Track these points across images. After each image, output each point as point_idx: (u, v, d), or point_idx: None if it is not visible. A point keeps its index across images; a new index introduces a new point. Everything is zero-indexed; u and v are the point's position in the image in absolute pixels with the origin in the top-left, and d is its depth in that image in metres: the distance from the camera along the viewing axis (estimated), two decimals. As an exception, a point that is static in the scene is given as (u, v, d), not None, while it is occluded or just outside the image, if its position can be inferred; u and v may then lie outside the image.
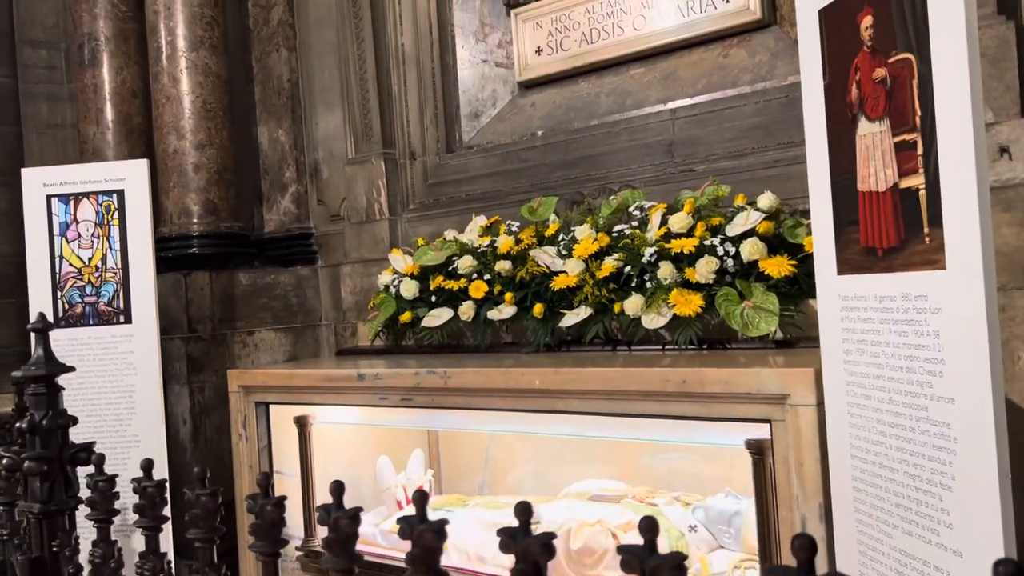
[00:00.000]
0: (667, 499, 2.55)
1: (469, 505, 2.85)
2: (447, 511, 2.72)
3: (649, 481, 2.68)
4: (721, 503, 2.39)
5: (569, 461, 2.91)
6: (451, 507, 2.81)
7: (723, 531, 2.35)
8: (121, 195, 3.14)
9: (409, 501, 2.85)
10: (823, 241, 1.62)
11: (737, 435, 1.97)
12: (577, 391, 2.18)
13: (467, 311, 3.04)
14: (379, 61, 3.66)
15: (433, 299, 3.17)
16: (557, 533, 1.93)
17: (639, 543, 0.71)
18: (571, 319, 2.73)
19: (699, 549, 2.36)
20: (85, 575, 1.37)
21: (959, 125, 1.26)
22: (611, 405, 2.13)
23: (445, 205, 3.58)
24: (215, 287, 3.66)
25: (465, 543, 2.59)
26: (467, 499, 2.94)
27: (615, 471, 2.79)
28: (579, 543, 2.39)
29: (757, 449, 1.93)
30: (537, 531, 0.76)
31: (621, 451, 2.82)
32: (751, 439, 1.93)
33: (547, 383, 2.24)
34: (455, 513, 2.72)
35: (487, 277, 3.03)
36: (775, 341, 2.39)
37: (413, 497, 0.90)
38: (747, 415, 1.92)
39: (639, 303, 2.57)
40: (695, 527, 2.38)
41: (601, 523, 2.42)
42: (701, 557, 2.25)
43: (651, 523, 0.73)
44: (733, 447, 2.02)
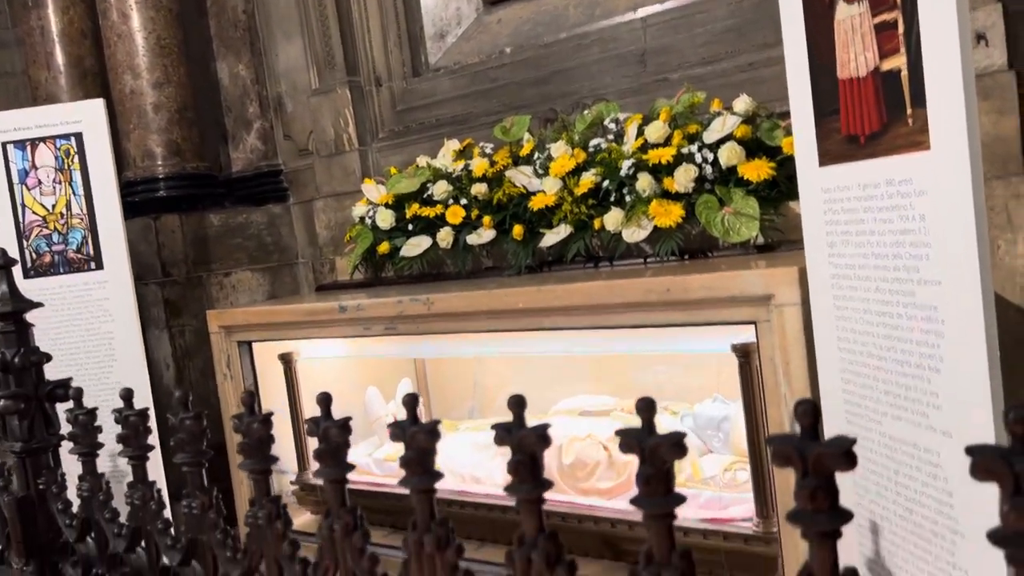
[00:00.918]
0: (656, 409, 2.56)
1: (460, 430, 2.87)
2: (438, 436, 2.73)
3: (638, 394, 2.64)
4: (710, 409, 2.41)
5: (557, 380, 2.93)
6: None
7: (713, 436, 2.38)
8: (80, 138, 3.03)
9: (400, 429, 2.86)
10: (803, 134, 1.59)
11: (723, 340, 1.97)
12: (561, 307, 2.17)
13: (446, 237, 3.00)
14: (337, -16, 3.53)
15: (410, 228, 3.12)
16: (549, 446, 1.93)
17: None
18: (551, 238, 2.71)
19: (689, 455, 2.38)
20: (75, 510, 1.36)
21: (941, -1, 1.21)
22: (596, 319, 2.12)
23: (416, 131, 3.49)
24: (186, 230, 3.58)
25: (459, 465, 2.61)
26: (458, 424, 2.96)
27: (603, 387, 2.80)
28: (571, 457, 2.41)
29: (743, 352, 1.94)
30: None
31: (608, 366, 2.83)
32: (737, 343, 1.94)
33: (531, 302, 2.22)
34: (446, 438, 2.72)
35: (464, 202, 2.98)
36: (757, 246, 2.39)
37: (404, 400, 0.88)
38: (732, 318, 1.91)
39: (619, 217, 2.54)
40: (685, 435, 2.40)
41: (591, 436, 2.44)
42: (692, 462, 2.28)
43: (649, 403, 0.71)
44: (720, 353, 2.02)
